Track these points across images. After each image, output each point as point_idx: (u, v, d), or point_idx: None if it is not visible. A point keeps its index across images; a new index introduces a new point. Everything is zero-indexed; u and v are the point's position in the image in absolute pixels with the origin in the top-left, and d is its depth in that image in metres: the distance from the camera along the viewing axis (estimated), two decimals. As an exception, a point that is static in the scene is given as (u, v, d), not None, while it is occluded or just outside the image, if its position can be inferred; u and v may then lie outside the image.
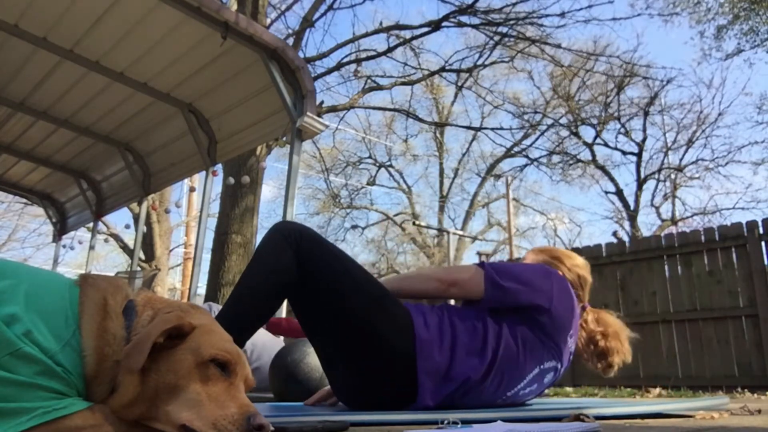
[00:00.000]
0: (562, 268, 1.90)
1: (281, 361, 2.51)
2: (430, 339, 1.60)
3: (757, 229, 5.68)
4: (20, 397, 0.79)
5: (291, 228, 1.66)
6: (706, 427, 1.29)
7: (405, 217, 21.54)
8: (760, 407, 1.93)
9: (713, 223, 15.51)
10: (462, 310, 1.73)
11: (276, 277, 1.59)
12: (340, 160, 18.38)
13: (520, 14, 9.81)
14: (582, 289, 1.91)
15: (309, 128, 4.07)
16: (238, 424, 0.82)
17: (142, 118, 5.25)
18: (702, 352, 5.82)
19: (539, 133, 16.79)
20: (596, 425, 1.19)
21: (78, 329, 0.87)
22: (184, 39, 4.11)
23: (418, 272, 1.83)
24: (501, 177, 19.19)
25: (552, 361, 1.72)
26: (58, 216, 7.39)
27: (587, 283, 1.93)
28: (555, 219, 21.16)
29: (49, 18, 3.98)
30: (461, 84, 13.14)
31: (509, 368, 1.65)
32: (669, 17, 13.66)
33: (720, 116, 15.52)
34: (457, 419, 1.22)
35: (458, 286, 1.70)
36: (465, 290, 1.70)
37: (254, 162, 7.48)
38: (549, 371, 1.73)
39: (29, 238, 23.70)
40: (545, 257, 1.95)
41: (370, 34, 10.44)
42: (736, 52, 13.72)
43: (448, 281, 1.70)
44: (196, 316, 0.93)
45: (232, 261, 7.16)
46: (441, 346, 1.61)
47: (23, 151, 6.03)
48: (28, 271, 0.95)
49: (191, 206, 16.02)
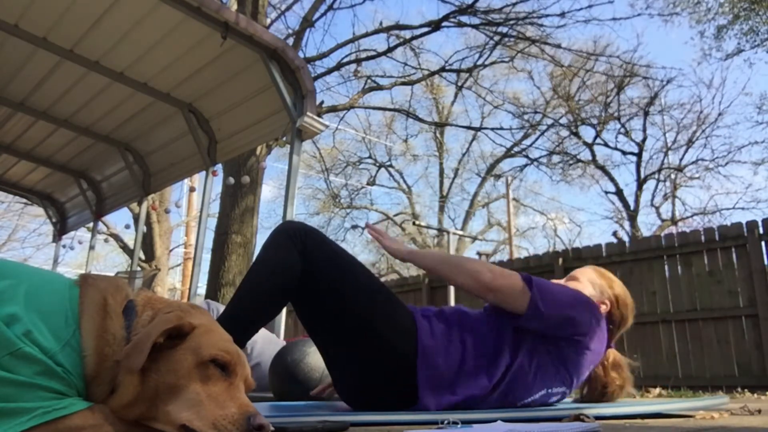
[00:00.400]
0: (613, 304, 1.81)
1: (281, 361, 2.51)
2: (435, 347, 1.57)
3: (757, 229, 5.68)
4: (20, 397, 0.79)
5: (296, 228, 1.65)
6: (706, 427, 1.29)
7: (405, 217, 21.55)
8: (760, 407, 1.93)
9: (713, 223, 15.51)
10: (478, 320, 1.66)
11: (280, 277, 1.58)
12: (340, 160, 18.39)
13: (520, 14, 9.82)
14: (618, 329, 1.84)
15: (309, 128, 4.08)
16: (238, 424, 0.82)
17: (142, 118, 5.25)
18: (702, 352, 5.82)
19: (539, 133, 16.79)
20: (596, 425, 1.19)
21: (78, 329, 0.87)
22: (184, 39, 4.11)
23: (464, 262, 1.67)
24: (501, 177, 19.20)
25: (561, 387, 1.68)
26: (58, 216, 7.39)
27: (626, 326, 1.86)
28: (555, 219, 21.17)
29: (49, 18, 3.98)
30: (461, 84, 13.13)
31: (516, 388, 1.61)
32: (669, 17, 13.67)
33: (720, 116, 15.51)
34: (457, 419, 1.22)
35: (499, 296, 1.59)
36: (504, 303, 1.60)
37: (254, 162, 7.48)
38: (556, 395, 1.70)
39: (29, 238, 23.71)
40: (602, 285, 1.83)
41: (370, 34, 10.45)
42: (736, 52, 13.72)
43: (491, 287, 1.58)
44: (196, 316, 0.93)
45: (232, 261, 7.16)
46: (447, 357, 1.57)
47: (23, 151, 6.03)
48: (28, 271, 0.95)
49: (191, 206, 16.03)
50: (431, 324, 1.62)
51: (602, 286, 1.84)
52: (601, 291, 1.82)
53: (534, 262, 7.58)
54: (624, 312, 1.83)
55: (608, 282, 1.86)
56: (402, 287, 8.82)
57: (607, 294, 1.82)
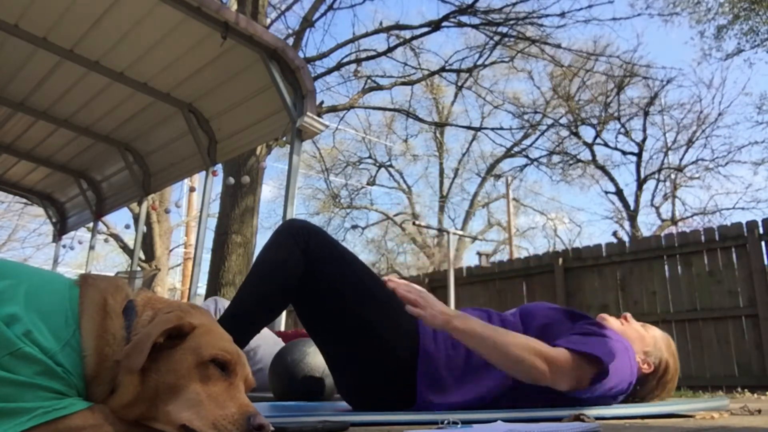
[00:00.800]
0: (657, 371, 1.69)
1: (281, 361, 2.51)
2: (437, 354, 1.55)
3: (757, 229, 5.68)
4: (20, 397, 0.79)
5: (300, 227, 1.63)
6: (706, 427, 1.29)
7: (405, 217, 21.54)
8: (760, 407, 1.93)
9: (713, 223, 15.50)
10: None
11: (282, 277, 1.57)
12: (340, 160, 18.38)
13: (520, 14, 9.82)
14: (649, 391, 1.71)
15: (309, 128, 4.08)
16: (238, 424, 0.82)
17: (142, 118, 5.25)
18: (702, 352, 5.82)
19: (539, 133, 16.78)
20: (596, 425, 1.19)
21: (78, 329, 0.87)
22: (184, 39, 4.11)
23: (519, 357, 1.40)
24: (501, 177, 19.19)
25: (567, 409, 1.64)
26: (58, 216, 7.39)
27: (664, 389, 1.74)
28: (555, 219, 21.15)
29: (49, 18, 3.98)
30: (461, 84, 13.13)
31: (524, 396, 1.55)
32: (669, 17, 13.66)
33: (720, 116, 15.50)
34: (457, 419, 1.22)
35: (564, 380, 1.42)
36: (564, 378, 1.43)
37: (254, 162, 7.48)
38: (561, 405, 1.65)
39: (29, 238, 23.69)
40: (659, 347, 1.70)
41: (370, 34, 10.45)
42: (736, 52, 13.71)
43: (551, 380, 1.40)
44: (196, 316, 0.93)
45: (232, 261, 7.16)
46: (448, 362, 1.54)
47: (23, 151, 6.03)
48: (28, 271, 0.95)
49: (191, 206, 16.02)
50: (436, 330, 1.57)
51: (660, 348, 1.71)
52: (658, 359, 1.69)
53: (534, 262, 7.57)
54: (666, 381, 1.72)
55: (668, 350, 1.73)
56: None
57: (659, 357, 1.70)
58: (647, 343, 1.69)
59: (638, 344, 1.67)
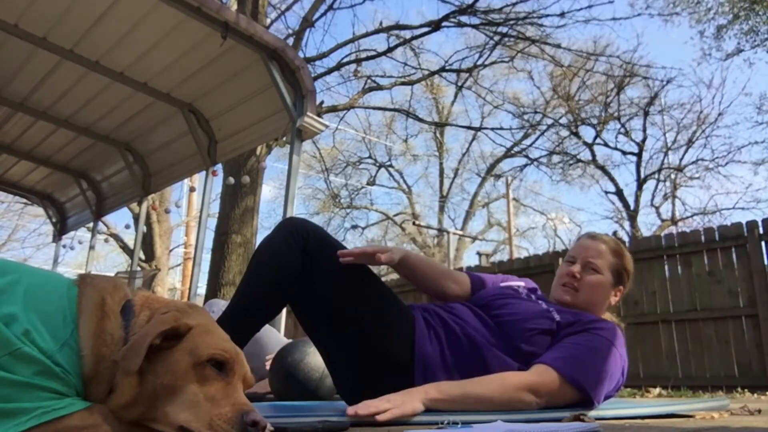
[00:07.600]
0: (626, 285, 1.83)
1: (281, 361, 2.51)
2: (433, 355, 1.54)
3: (757, 229, 5.67)
4: (19, 397, 0.79)
5: (299, 225, 1.62)
6: (706, 427, 1.29)
7: (405, 217, 21.56)
8: (760, 407, 1.93)
9: (713, 223, 15.50)
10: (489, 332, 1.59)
11: (280, 275, 1.56)
12: (340, 160, 18.39)
13: (520, 14, 9.82)
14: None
15: (309, 128, 4.08)
16: (233, 422, 0.82)
17: (142, 118, 5.25)
18: (702, 352, 5.81)
19: (539, 133, 16.80)
20: (596, 425, 1.19)
21: (76, 329, 0.87)
22: (184, 39, 4.11)
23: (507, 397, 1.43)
24: (501, 177, 19.20)
25: None
26: (58, 216, 7.39)
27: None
28: (555, 219, 21.19)
29: (49, 18, 3.98)
30: (461, 84, 13.14)
31: None
32: (669, 17, 13.66)
33: (720, 116, 15.51)
34: (457, 419, 1.22)
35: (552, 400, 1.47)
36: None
37: (254, 162, 7.48)
38: None
39: (29, 238, 23.68)
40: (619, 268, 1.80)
41: (370, 34, 10.45)
42: (736, 52, 13.70)
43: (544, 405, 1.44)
44: (193, 316, 0.93)
45: (232, 261, 7.16)
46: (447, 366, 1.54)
47: (23, 151, 6.03)
48: (27, 270, 0.95)
49: (191, 206, 16.04)
50: (433, 329, 1.58)
51: (620, 269, 1.80)
52: (619, 276, 1.80)
53: (534, 262, 7.57)
54: (629, 283, 1.84)
55: (624, 262, 1.82)
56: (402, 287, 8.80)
57: (624, 278, 1.81)
58: (608, 277, 1.78)
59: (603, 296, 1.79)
